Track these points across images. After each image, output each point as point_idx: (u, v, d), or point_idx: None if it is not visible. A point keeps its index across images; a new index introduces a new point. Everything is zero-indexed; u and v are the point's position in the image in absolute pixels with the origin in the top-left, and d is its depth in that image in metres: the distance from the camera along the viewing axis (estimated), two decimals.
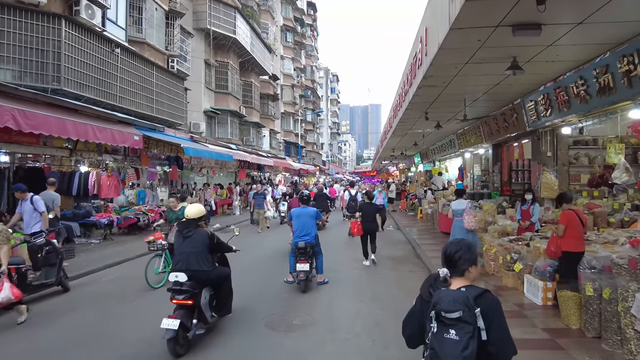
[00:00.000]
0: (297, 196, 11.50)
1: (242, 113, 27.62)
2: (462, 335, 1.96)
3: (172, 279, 4.92)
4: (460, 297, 2.03)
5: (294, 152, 41.80)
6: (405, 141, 21.54)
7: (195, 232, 5.14)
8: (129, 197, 16.46)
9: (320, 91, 75.47)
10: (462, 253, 2.25)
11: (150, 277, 7.59)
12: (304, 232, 7.52)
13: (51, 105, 9.68)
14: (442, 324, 2.01)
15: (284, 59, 43.10)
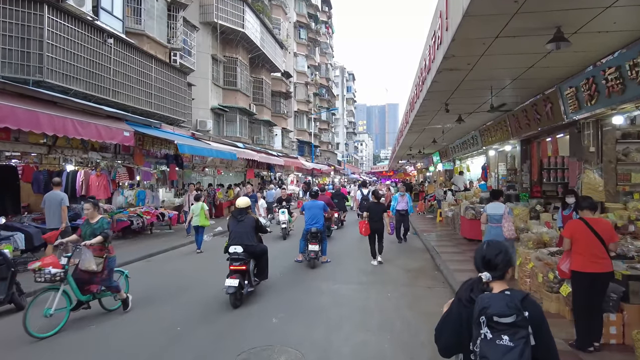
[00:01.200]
0: (322, 193, 12.32)
1: (252, 111, 26.58)
2: (516, 341, 1.87)
3: (232, 250, 6.68)
4: (511, 301, 1.94)
5: (308, 152, 40.65)
6: (424, 138, 20.10)
7: (245, 217, 7.08)
8: (129, 198, 15.54)
9: (336, 90, 74.18)
10: (503, 256, 2.17)
11: (33, 322, 5.13)
12: (315, 220, 9.47)
13: (24, 97, 8.71)
14: (493, 329, 1.90)
15: (298, 56, 41.98)
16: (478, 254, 2.25)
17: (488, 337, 1.91)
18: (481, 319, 1.94)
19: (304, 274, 8.69)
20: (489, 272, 2.14)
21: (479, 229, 10.94)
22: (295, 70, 40.88)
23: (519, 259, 6.88)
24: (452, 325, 2.18)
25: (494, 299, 1.97)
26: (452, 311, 2.21)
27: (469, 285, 2.17)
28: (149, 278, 8.37)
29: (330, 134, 57.92)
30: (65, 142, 10.03)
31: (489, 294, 2.04)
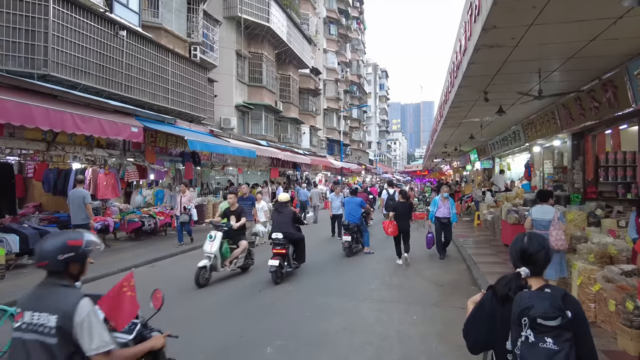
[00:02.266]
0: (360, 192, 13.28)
1: (278, 108, 25.78)
2: (561, 344, 1.76)
3: (274, 236, 7.93)
4: (555, 301, 1.83)
5: (338, 151, 39.52)
6: (460, 134, 18.54)
7: (285, 209, 8.35)
8: (147, 197, 15.03)
9: (368, 88, 72.65)
10: (545, 253, 2.06)
11: None
12: (352, 214, 10.46)
13: (20, 90, 8.11)
14: (536, 331, 1.79)
15: (327, 52, 40.95)
16: (516, 247, 2.12)
17: (531, 339, 1.80)
18: (523, 321, 1.82)
19: (315, 288, 7.67)
20: (528, 267, 2.03)
21: None
22: (324, 67, 39.87)
23: (579, 278, 5.52)
24: (484, 321, 2.07)
25: (537, 299, 1.86)
26: (484, 307, 2.09)
27: (507, 282, 2.01)
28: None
29: (361, 132, 56.52)
30: (67, 138, 9.44)
31: (529, 292, 1.92)
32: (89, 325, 2.00)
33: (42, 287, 2.12)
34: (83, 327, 1.98)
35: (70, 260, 2.12)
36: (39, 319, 2.00)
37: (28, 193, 11.95)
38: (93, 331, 2.00)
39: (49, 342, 1.97)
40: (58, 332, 1.97)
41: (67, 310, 1.98)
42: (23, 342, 2.02)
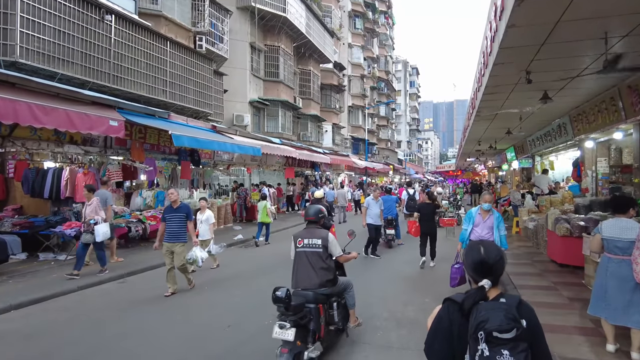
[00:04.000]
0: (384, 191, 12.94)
1: (296, 104, 24.29)
2: (517, 355, 1.74)
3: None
4: (510, 312, 1.80)
5: (363, 150, 37.64)
6: (495, 129, 16.41)
7: (320, 203, 9.75)
8: (147, 199, 13.83)
9: (398, 85, 70.22)
10: (502, 260, 2.02)
11: None
12: (390, 210, 11.21)
13: None
14: (492, 344, 1.75)
15: (352, 47, 39.15)
16: (474, 258, 2.03)
17: (486, 354, 1.76)
18: (479, 335, 1.77)
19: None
20: (487, 278, 1.97)
21: (577, 250, 7.53)
22: (349, 62, 38.12)
23: None
24: (445, 337, 1.97)
25: (491, 311, 1.81)
26: (443, 322, 1.99)
27: (473, 299, 1.91)
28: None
29: (389, 130, 54.29)
30: (28, 132, 8.21)
31: (484, 304, 1.87)
32: (333, 243, 4.58)
33: (309, 229, 4.69)
34: (330, 244, 4.53)
35: (322, 217, 4.78)
36: (312, 241, 4.52)
37: (10, 195, 10.91)
38: (335, 246, 4.60)
39: (318, 250, 4.48)
40: (322, 246, 4.49)
41: (324, 237, 4.53)
42: (305, 253, 4.51)
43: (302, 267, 4.43)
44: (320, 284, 4.35)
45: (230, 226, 14.87)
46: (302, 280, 4.36)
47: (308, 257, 4.41)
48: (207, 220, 8.72)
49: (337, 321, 4.64)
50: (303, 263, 4.43)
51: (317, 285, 4.33)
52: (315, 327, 4.16)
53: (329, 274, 4.44)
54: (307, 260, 4.41)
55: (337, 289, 4.64)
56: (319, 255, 4.41)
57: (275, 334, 3.90)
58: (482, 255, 1.99)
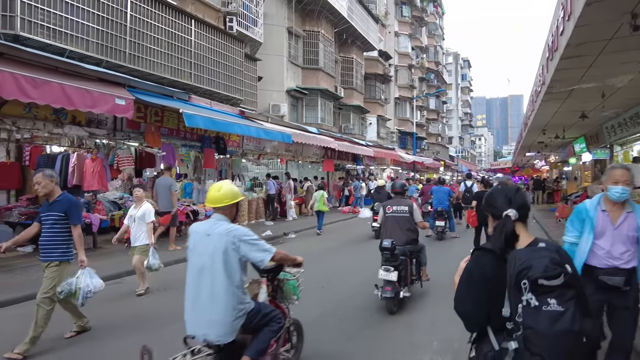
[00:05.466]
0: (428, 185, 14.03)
1: (338, 94, 22.76)
2: (566, 304, 1.57)
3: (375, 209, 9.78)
4: (553, 257, 1.62)
5: (411, 145, 35.40)
6: (566, 112, 13.99)
7: (382, 190, 11.18)
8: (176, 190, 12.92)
9: (449, 79, 66.77)
10: (525, 196, 1.89)
11: None
12: (441, 202, 11.32)
13: None
14: (538, 294, 1.57)
15: (399, 35, 37.02)
16: (496, 197, 1.90)
17: (533, 303, 1.57)
18: (523, 284, 1.59)
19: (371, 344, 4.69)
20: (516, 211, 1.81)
21: None
22: (396, 52, 36.03)
23: None
24: (477, 292, 1.77)
25: (533, 256, 1.63)
26: (473, 273, 1.79)
27: (501, 230, 1.76)
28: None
29: (440, 124, 51.33)
30: (21, 109, 7.29)
31: (522, 250, 1.70)
32: (417, 211, 5.63)
33: (396, 198, 5.78)
34: (415, 211, 5.56)
35: (404, 190, 5.98)
36: (400, 208, 5.54)
37: (26, 184, 10.22)
38: (418, 213, 5.67)
39: (405, 215, 5.50)
40: (409, 212, 5.55)
41: (410, 205, 5.58)
42: (394, 217, 5.54)
43: (391, 228, 5.55)
44: (407, 241, 5.48)
45: (261, 221, 13.64)
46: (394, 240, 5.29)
47: (397, 221, 5.55)
48: (142, 218, 6.01)
49: (414, 274, 5.80)
50: (392, 225, 5.58)
51: (404, 242, 5.44)
52: (405, 274, 5.34)
53: (413, 235, 5.61)
54: (395, 223, 5.56)
55: (417, 247, 5.77)
56: (406, 219, 5.55)
57: (381, 276, 5.04)
58: (504, 192, 1.88)
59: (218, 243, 2.72)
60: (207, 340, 2.69)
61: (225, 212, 2.88)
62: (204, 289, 2.73)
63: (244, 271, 2.84)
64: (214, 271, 2.71)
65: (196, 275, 2.77)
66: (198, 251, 2.80)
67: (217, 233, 2.75)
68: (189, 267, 2.83)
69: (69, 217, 4.27)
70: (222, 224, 2.81)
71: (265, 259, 2.80)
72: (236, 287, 2.75)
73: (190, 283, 2.80)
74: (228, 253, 2.71)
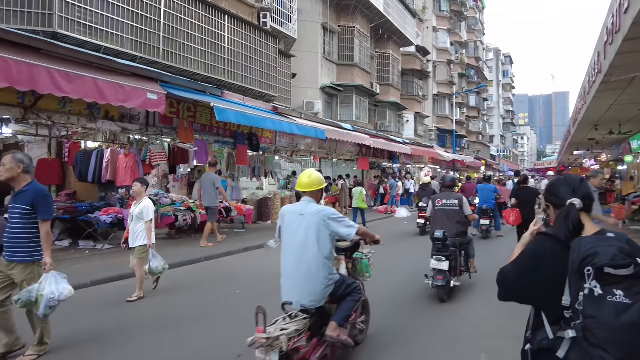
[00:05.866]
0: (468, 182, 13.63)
1: (374, 90, 22.22)
2: (634, 297, 1.47)
3: (421, 205, 9.99)
4: (623, 246, 1.52)
5: (450, 143, 34.20)
6: (624, 105, 12.86)
7: (427, 188, 11.47)
8: None
9: (490, 75, 64.43)
10: (588, 185, 1.83)
11: None
12: (486, 200, 10.95)
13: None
14: (604, 283, 1.49)
15: (438, 30, 35.91)
16: (559, 186, 1.85)
17: (597, 292, 1.49)
18: (587, 271, 1.51)
19: None
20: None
21: None
22: (434, 47, 34.97)
23: None
24: (532, 277, 1.73)
25: (600, 244, 1.54)
26: (532, 256, 1.77)
27: (564, 218, 1.70)
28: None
29: (480, 122, 49.48)
30: (57, 104, 7.32)
31: (589, 237, 1.62)
32: (466, 204, 5.74)
33: (445, 192, 6.10)
34: (465, 204, 5.69)
35: (454, 184, 6.30)
36: (450, 201, 5.71)
37: (66, 180, 10.46)
38: (467, 206, 5.80)
39: (455, 209, 5.69)
40: (458, 205, 5.72)
41: (460, 199, 5.70)
42: (443, 210, 5.73)
43: (441, 220, 5.71)
44: (457, 234, 5.63)
45: None
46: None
47: (446, 214, 5.72)
48: (140, 216, 5.40)
49: (463, 265, 5.94)
50: (442, 218, 5.75)
51: (454, 234, 5.58)
52: (455, 264, 5.50)
53: (462, 227, 5.79)
54: (445, 216, 5.72)
55: (466, 240, 5.95)
56: (456, 212, 5.71)
57: (432, 265, 5.21)
58: (567, 182, 1.83)
59: (311, 221, 3.11)
60: (302, 305, 3.05)
61: (313, 195, 3.28)
62: (299, 261, 3.11)
63: (332, 245, 3.22)
64: (308, 245, 3.10)
65: (292, 249, 3.17)
66: (293, 228, 3.20)
67: (309, 212, 3.15)
68: (284, 242, 3.25)
69: (36, 210, 3.64)
70: (312, 205, 3.22)
71: (352, 233, 3.17)
72: (326, 258, 3.13)
73: (287, 256, 3.21)
74: (320, 229, 3.10)
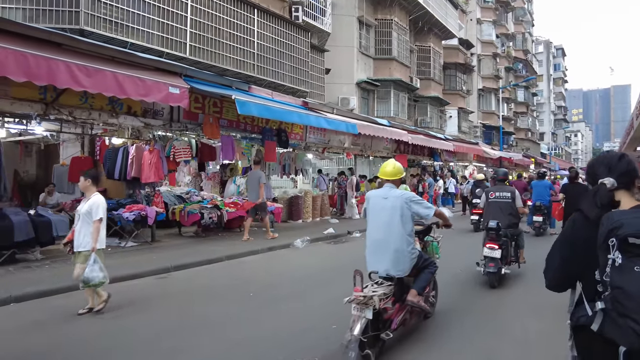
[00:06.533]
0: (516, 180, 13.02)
1: (413, 85, 21.32)
2: None
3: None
4: None
5: (497, 140, 32.40)
6: None
7: (481, 185, 11.30)
8: (241, 186, 12.67)
9: (540, 69, 60.96)
10: (628, 162, 1.77)
11: None
12: (540, 196, 10.55)
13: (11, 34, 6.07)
14: (627, 253, 1.50)
15: (482, 23, 34.23)
16: (597, 166, 1.83)
17: (619, 262, 1.52)
18: (610, 242, 1.55)
19: None
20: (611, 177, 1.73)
21: None
22: (478, 40, 33.37)
23: None
24: (566, 252, 1.80)
25: (627, 217, 1.56)
26: (566, 234, 1.83)
27: (593, 195, 1.71)
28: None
29: (529, 119, 46.78)
30: (77, 99, 7.22)
31: (617, 211, 1.61)
32: (519, 197, 6.10)
33: (498, 185, 6.51)
34: (517, 197, 6.06)
35: (507, 178, 7.29)
36: (503, 194, 6.10)
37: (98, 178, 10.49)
38: (520, 199, 6.14)
39: (508, 201, 6.03)
40: (511, 198, 6.06)
41: (512, 191, 6.13)
42: (496, 202, 6.07)
43: (494, 212, 6.02)
44: (508, 225, 5.92)
45: (326, 219, 12.84)
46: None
47: (499, 206, 6.05)
48: (88, 215, 4.51)
49: (513, 255, 6.19)
50: (494, 210, 6.06)
51: (506, 225, 5.84)
52: (506, 254, 5.87)
53: (514, 219, 6.10)
54: (497, 208, 6.05)
55: (517, 231, 6.23)
56: (508, 205, 6.04)
57: (485, 253, 5.59)
58: (603, 160, 1.84)
59: (395, 203, 3.59)
60: (388, 274, 3.56)
61: (394, 182, 3.77)
62: (385, 236, 3.60)
63: (413, 223, 3.70)
64: (392, 223, 3.58)
65: (377, 227, 3.67)
66: (377, 209, 3.71)
67: (393, 196, 3.65)
68: (369, 221, 3.77)
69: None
70: (394, 190, 3.71)
71: (430, 213, 3.68)
72: (408, 235, 3.62)
73: (372, 233, 3.73)
74: (403, 210, 3.58)
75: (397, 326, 3.50)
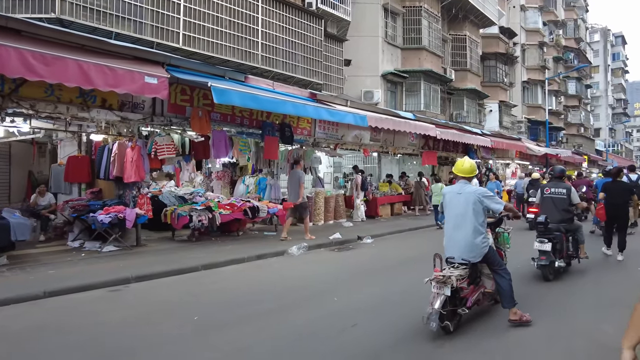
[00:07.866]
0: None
1: (446, 76, 19.69)
2: None
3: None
4: None
5: (544, 136, 29.72)
6: None
7: (538, 184, 11.09)
8: (249, 187, 11.88)
9: (596, 59, 56.25)
10: None
11: None
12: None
13: None
14: None
15: (526, 10, 31.65)
16: None
17: None
18: None
19: None
20: None
21: None
22: (522, 28, 30.87)
23: None
24: None
25: None
26: None
27: None
28: None
29: (582, 113, 42.99)
30: (42, 91, 6.58)
31: None
32: (574, 194, 6.29)
33: (554, 182, 6.63)
34: (573, 194, 6.25)
35: (563, 175, 6.79)
36: (558, 190, 6.31)
37: (94, 177, 10.02)
38: (575, 196, 6.28)
39: (563, 197, 6.25)
40: (566, 195, 6.26)
41: (568, 188, 6.34)
42: (551, 198, 6.34)
43: (547, 207, 6.39)
44: (562, 220, 6.21)
45: (340, 222, 11.71)
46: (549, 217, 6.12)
47: (553, 201, 6.34)
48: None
49: (571, 250, 6.51)
50: (548, 205, 6.40)
51: (559, 220, 6.18)
52: (560, 248, 6.07)
53: (568, 214, 6.34)
54: (552, 203, 6.36)
55: (573, 226, 6.47)
56: (563, 200, 6.29)
57: (536, 247, 5.88)
58: None
59: (469, 198, 4.11)
60: (464, 259, 4.08)
61: (467, 179, 4.30)
62: (461, 227, 4.13)
63: (485, 216, 4.20)
64: (467, 216, 4.11)
65: (454, 219, 4.22)
66: (454, 203, 4.25)
67: (467, 192, 4.16)
68: (446, 214, 4.37)
69: None
70: (468, 186, 4.24)
71: (500, 208, 4.16)
72: (481, 225, 4.11)
73: (449, 224, 4.29)
74: (476, 204, 4.09)
75: (471, 304, 4.06)
